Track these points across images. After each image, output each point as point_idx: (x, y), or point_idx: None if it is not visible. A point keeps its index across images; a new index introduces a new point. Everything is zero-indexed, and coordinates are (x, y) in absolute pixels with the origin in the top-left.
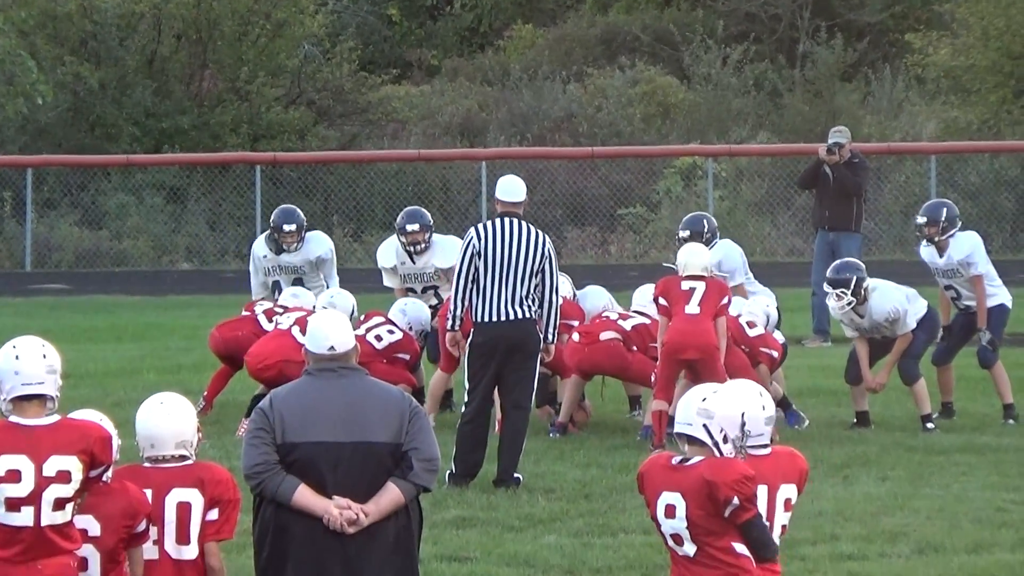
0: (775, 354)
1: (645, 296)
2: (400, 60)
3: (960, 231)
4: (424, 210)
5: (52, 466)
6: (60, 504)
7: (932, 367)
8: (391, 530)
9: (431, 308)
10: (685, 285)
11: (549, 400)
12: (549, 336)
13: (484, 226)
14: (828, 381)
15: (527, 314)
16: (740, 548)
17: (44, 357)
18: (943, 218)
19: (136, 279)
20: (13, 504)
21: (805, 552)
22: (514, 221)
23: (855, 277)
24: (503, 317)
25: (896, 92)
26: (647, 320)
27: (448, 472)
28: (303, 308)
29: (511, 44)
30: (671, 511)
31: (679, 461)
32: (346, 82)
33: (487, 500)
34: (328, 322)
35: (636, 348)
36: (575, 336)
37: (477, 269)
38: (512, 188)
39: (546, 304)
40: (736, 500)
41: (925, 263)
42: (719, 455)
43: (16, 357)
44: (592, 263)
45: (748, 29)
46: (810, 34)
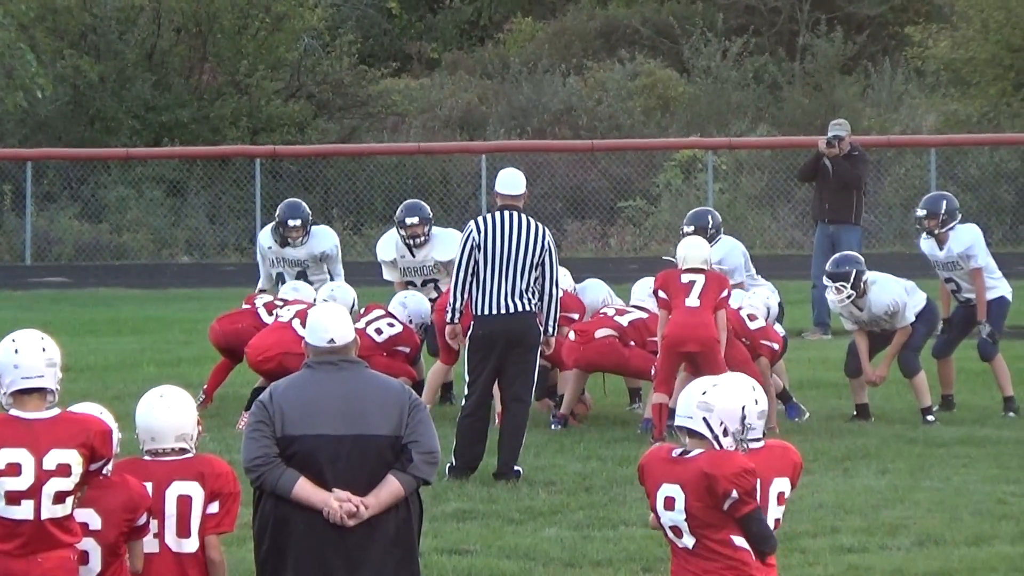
0: (775, 347)
1: (644, 290)
2: (400, 53)
3: (960, 224)
4: (423, 203)
5: (52, 459)
6: (60, 497)
7: (932, 360)
8: (391, 523)
9: (431, 301)
10: (685, 278)
11: (549, 393)
12: (549, 329)
13: (484, 219)
14: (828, 374)
15: (527, 307)
16: (739, 541)
17: (44, 350)
18: (943, 211)
19: (136, 272)
20: (13, 498)
21: (805, 545)
22: (514, 214)
23: (854, 270)
24: (503, 310)
25: (896, 85)
26: (644, 315)
27: (448, 465)
28: (303, 301)
29: (511, 37)
30: (670, 503)
31: (679, 453)
32: (346, 75)
33: (487, 493)
34: (328, 315)
35: (633, 343)
36: (571, 335)
37: (477, 262)
38: (512, 181)
39: (546, 297)
40: (735, 493)
41: (925, 256)
42: (719, 448)
43: (15, 351)
44: (592, 256)
45: (748, 22)
46: (810, 27)
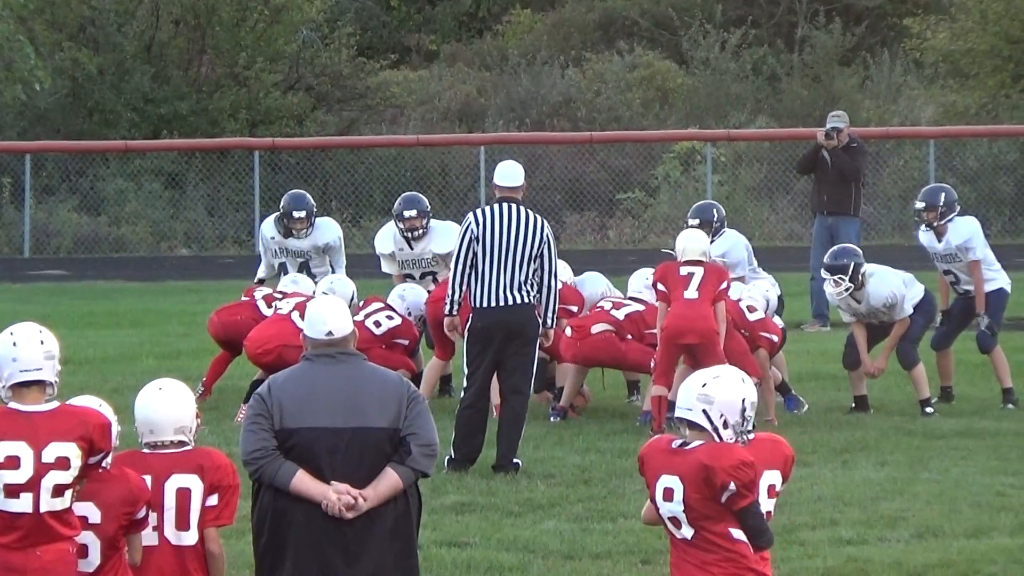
0: (775, 339)
1: (640, 281)
2: (398, 45)
3: (959, 216)
4: (421, 196)
5: (51, 452)
6: (59, 490)
7: (931, 352)
8: (390, 515)
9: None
10: (684, 270)
11: (548, 385)
12: (548, 321)
13: (482, 211)
14: (827, 366)
15: (526, 299)
16: (737, 533)
17: (42, 343)
18: (941, 203)
19: (135, 265)
20: (12, 490)
21: (804, 537)
22: (512, 206)
23: (852, 263)
24: (502, 302)
25: (894, 76)
26: (641, 307)
27: (447, 457)
28: (302, 294)
29: (509, 29)
30: (669, 494)
31: (679, 445)
32: (344, 67)
33: (486, 485)
34: (326, 307)
35: (631, 336)
36: (567, 331)
37: (475, 254)
38: (510, 173)
39: (545, 289)
40: (733, 486)
41: (924, 248)
42: (719, 440)
43: (14, 344)
44: (591, 248)
45: (746, 13)
46: (808, 18)
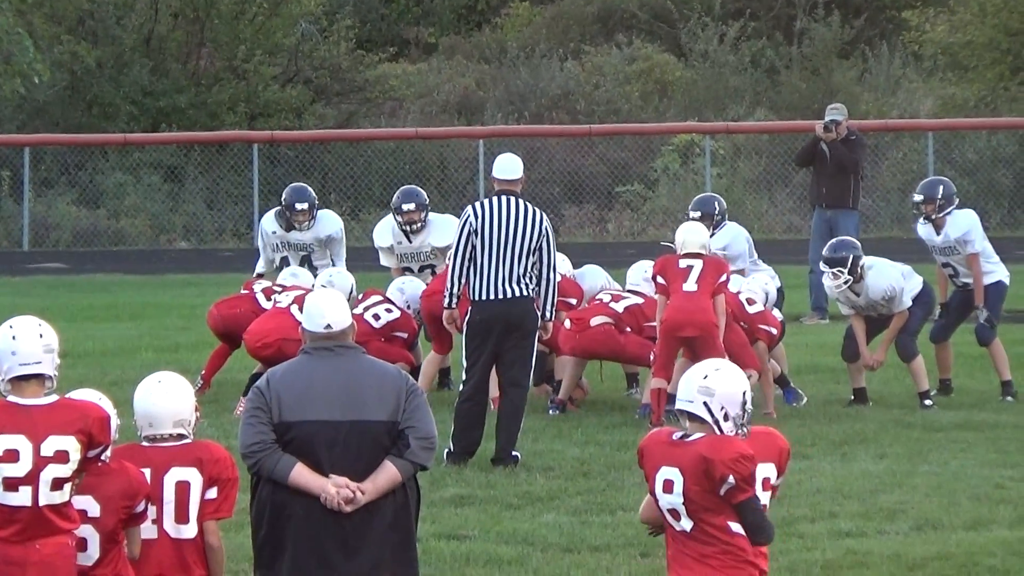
0: (774, 331)
1: (639, 273)
2: (397, 38)
3: (957, 209)
4: (420, 189)
5: (50, 446)
6: (58, 484)
7: (930, 344)
8: (389, 508)
9: None
10: (683, 263)
11: (547, 378)
12: (547, 314)
13: (481, 204)
14: (826, 358)
15: (525, 292)
16: (736, 526)
17: (41, 336)
18: (940, 196)
19: (134, 258)
20: (11, 484)
21: (803, 529)
22: (511, 199)
23: (851, 256)
24: (500, 295)
25: (893, 69)
26: (640, 300)
27: (446, 450)
28: (302, 287)
29: (508, 22)
30: (669, 486)
31: (679, 437)
32: (343, 60)
33: (485, 478)
34: (324, 300)
35: (630, 329)
36: (566, 323)
37: (474, 247)
38: (509, 166)
39: (544, 282)
40: (732, 479)
41: (922, 240)
42: (719, 433)
43: (13, 337)
44: (590, 241)
45: (745, 6)
46: (807, 11)
